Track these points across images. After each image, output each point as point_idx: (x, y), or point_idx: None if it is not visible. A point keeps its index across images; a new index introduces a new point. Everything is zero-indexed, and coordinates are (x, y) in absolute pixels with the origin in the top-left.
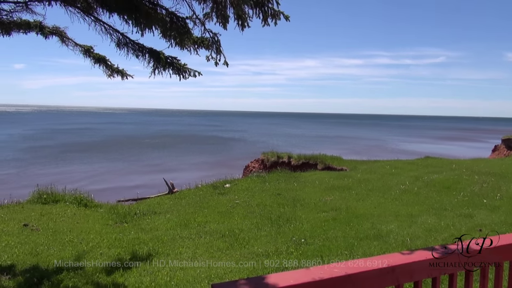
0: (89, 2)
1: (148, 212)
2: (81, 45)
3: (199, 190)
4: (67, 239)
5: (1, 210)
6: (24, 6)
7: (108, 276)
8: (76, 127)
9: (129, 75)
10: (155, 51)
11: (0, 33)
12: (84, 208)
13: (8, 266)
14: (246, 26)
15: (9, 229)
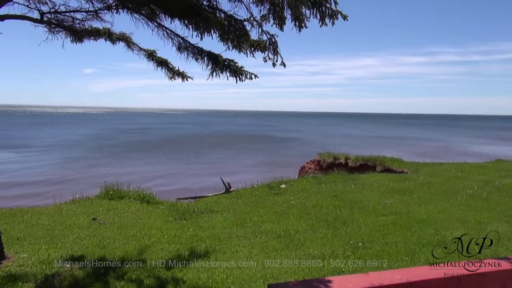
0: (153, 9)
1: (206, 210)
2: (145, 49)
3: (255, 190)
4: (131, 233)
5: (73, 204)
6: (95, 14)
7: (168, 270)
8: (140, 127)
9: (189, 77)
10: (213, 54)
11: (73, 41)
12: (147, 204)
13: (79, 257)
14: (303, 27)
15: (80, 222)
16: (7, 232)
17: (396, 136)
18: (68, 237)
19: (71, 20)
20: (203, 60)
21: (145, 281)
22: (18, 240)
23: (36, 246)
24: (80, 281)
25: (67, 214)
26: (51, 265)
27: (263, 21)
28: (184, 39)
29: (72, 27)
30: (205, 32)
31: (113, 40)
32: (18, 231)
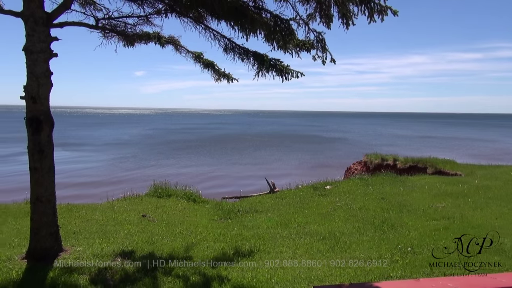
0: (200, 12)
1: (250, 210)
2: (192, 52)
3: (300, 191)
4: (178, 230)
5: (124, 201)
6: (145, 19)
7: (213, 268)
8: (187, 127)
9: (234, 79)
10: (259, 54)
11: (125, 45)
12: (193, 203)
13: (129, 252)
14: (350, 24)
15: (130, 219)
16: (64, 226)
17: (447, 137)
18: (119, 233)
19: (123, 25)
20: (249, 60)
21: (191, 277)
22: (74, 234)
23: (91, 240)
24: (131, 275)
25: (119, 210)
26: (104, 259)
27: (309, 20)
28: (230, 40)
29: (124, 32)
30: (251, 32)
31: (162, 43)
32: (74, 225)
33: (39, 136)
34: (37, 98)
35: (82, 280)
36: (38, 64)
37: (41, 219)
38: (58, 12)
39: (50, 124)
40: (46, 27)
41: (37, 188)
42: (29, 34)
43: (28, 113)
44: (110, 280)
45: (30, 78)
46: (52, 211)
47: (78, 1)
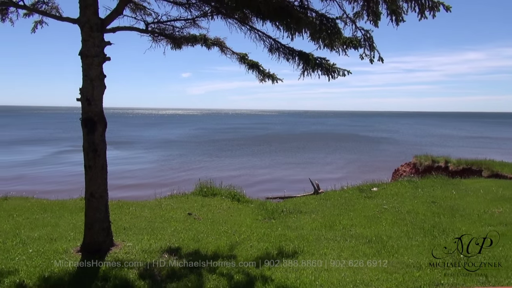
0: (245, 13)
1: (294, 210)
2: (237, 53)
3: (345, 192)
4: (222, 229)
5: (171, 199)
6: (192, 22)
7: (257, 268)
8: (232, 127)
9: (279, 79)
10: (304, 53)
11: (173, 47)
12: (237, 202)
13: (176, 249)
14: (400, 21)
15: (177, 216)
16: (115, 222)
17: (505, 138)
18: (166, 230)
19: (171, 29)
20: (294, 60)
21: (235, 276)
22: (124, 229)
23: (140, 236)
24: (177, 272)
25: (166, 208)
26: (152, 254)
27: (356, 18)
28: (276, 40)
29: (172, 35)
30: (296, 32)
31: (209, 45)
32: (125, 221)
33: (93, 136)
34: (91, 100)
35: (132, 274)
36: (93, 68)
37: (95, 214)
38: (111, 18)
39: (103, 124)
40: (100, 32)
41: (91, 185)
42: (85, 40)
43: (83, 114)
44: (157, 275)
45: (85, 81)
46: (104, 207)
47: (129, 7)
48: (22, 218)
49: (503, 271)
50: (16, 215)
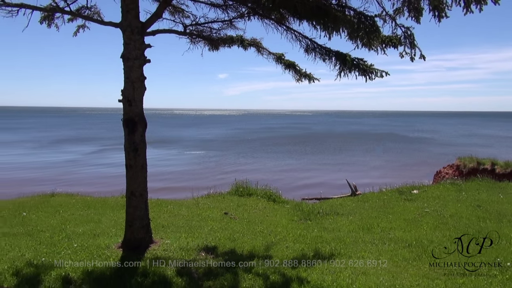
0: (282, 13)
1: (331, 212)
2: (274, 53)
3: (383, 194)
4: (258, 229)
5: (207, 198)
6: (229, 23)
7: (292, 269)
8: (268, 127)
9: (315, 79)
10: (341, 53)
11: (210, 49)
12: (273, 203)
13: (212, 247)
14: (443, 16)
15: (213, 216)
16: (154, 220)
17: None
18: (203, 228)
19: (209, 30)
20: (331, 60)
21: (271, 276)
22: (163, 227)
23: (177, 234)
24: (213, 270)
25: (203, 207)
26: (189, 252)
27: (396, 15)
28: (312, 40)
29: (209, 36)
30: (334, 31)
31: (245, 46)
32: (163, 219)
33: (133, 136)
34: (132, 101)
35: (170, 271)
36: (134, 70)
37: (135, 212)
38: (151, 21)
39: (143, 125)
40: (141, 35)
41: (132, 183)
42: (126, 43)
43: (125, 115)
44: (194, 273)
45: (127, 82)
46: (144, 205)
47: (168, 10)
48: (67, 214)
49: None
50: (62, 211)
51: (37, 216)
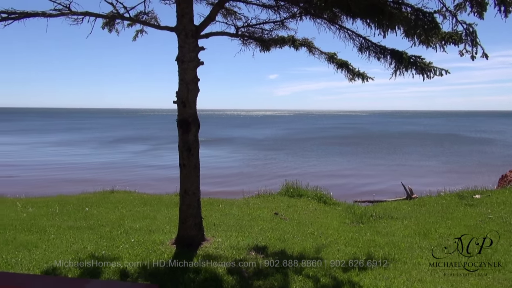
0: (334, 12)
1: (384, 215)
2: (325, 52)
3: (442, 199)
4: (308, 231)
5: (258, 198)
6: (280, 24)
7: (344, 272)
8: (320, 127)
9: (369, 77)
10: (397, 51)
11: (262, 50)
12: (324, 204)
13: (262, 247)
14: (510, 12)
15: (264, 216)
16: (206, 218)
17: None
18: (253, 228)
19: (260, 31)
20: (386, 59)
21: (321, 279)
22: (214, 226)
23: (228, 233)
24: (263, 270)
25: (253, 207)
26: (240, 251)
27: (457, 11)
28: (366, 39)
29: (261, 37)
30: (389, 29)
31: (297, 46)
32: (215, 218)
33: (187, 136)
34: (186, 102)
35: (221, 269)
36: (188, 72)
37: (188, 210)
38: (205, 24)
39: (196, 125)
40: (195, 38)
41: (185, 182)
42: (181, 46)
43: (179, 115)
44: (245, 272)
45: (181, 84)
46: (197, 203)
47: (221, 12)
48: (125, 210)
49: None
50: (120, 207)
51: (98, 211)
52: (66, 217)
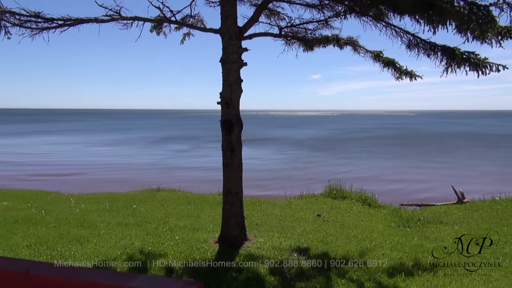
0: (380, 9)
1: (433, 220)
2: (371, 51)
3: (497, 204)
4: (352, 234)
5: (300, 199)
6: (324, 23)
7: (389, 278)
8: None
9: (418, 76)
10: (448, 47)
11: (305, 50)
12: (368, 207)
13: (305, 249)
14: None
15: (306, 217)
16: (248, 218)
17: None
18: (296, 229)
19: (304, 31)
20: (436, 56)
21: (365, 284)
22: (256, 226)
23: (270, 233)
24: (305, 272)
25: (295, 208)
26: (282, 252)
27: None
28: (415, 36)
29: (304, 37)
30: (439, 24)
31: (341, 45)
32: (257, 218)
33: (230, 137)
34: (229, 103)
35: (263, 269)
36: (231, 73)
37: (231, 209)
38: (248, 25)
39: (239, 126)
40: (238, 40)
41: (228, 182)
42: (225, 47)
43: (222, 116)
44: (287, 273)
45: (225, 85)
46: (239, 203)
47: (264, 13)
48: (170, 208)
49: None
50: (166, 205)
51: (145, 209)
52: (115, 214)
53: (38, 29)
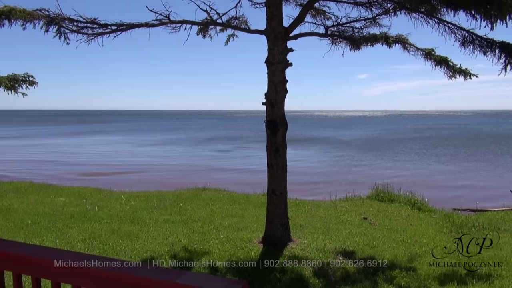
0: (433, 5)
1: (490, 226)
2: (422, 49)
3: None
4: (400, 238)
5: (345, 201)
6: (372, 21)
7: (440, 285)
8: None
9: (473, 74)
10: (508, 44)
11: (352, 49)
12: (418, 211)
13: (350, 252)
14: None
15: (351, 220)
16: (292, 219)
17: None
18: (341, 232)
19: (350, 30)
20: (494, 53)
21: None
22: (300, 227)
23: (315, 235)
24: (351, 276)
25: (341, 210)
26: (326, 254)
27: None
28: (470, 32)
29: (351, 36)
30: (498, 19)
31: (390, 43)
32: (301, 219)
33: (275, 137)
34: (274, 103)
35: (307, 271)
36: (277, 74)
37: (275, 210)
38: (294, 26)
39: (284, 126)
40: (284, 40)
41: (272, 182)
42: (270, 48)
43: (268, 117)
44: (331, 276)
45: (270, 86)
46: (283, 204)
47: (310, 13)
48: (216, 207)
49: None
50: (211, 204)
51: (191, 207)
52: (163, 211)
53: (94, 34)
